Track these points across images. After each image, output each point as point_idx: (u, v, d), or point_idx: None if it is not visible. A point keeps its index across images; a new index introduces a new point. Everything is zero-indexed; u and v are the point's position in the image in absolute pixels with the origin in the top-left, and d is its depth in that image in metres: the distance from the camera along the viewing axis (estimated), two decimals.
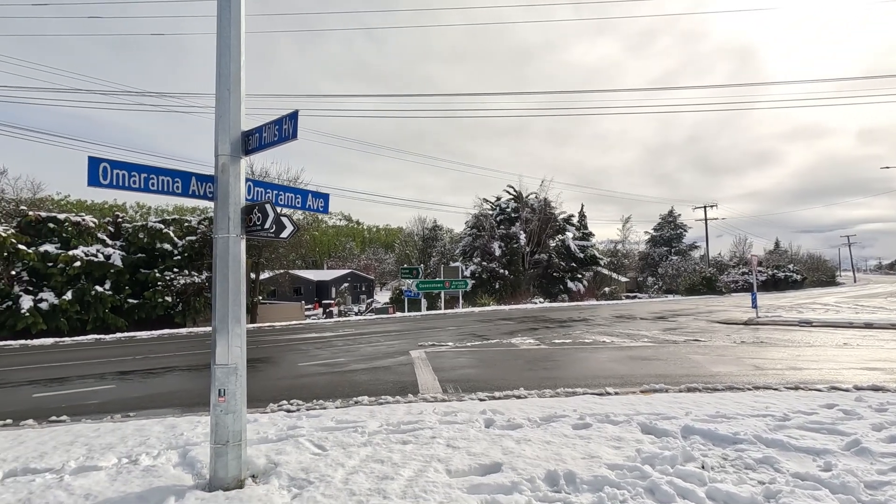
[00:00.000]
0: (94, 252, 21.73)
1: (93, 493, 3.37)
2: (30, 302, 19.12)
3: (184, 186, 3.71)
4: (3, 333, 18.51)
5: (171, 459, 4.07)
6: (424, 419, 5.05)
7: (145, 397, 7.29)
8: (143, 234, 23.57)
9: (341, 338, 14.74)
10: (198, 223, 25.35)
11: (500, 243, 40.83)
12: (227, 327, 3.60)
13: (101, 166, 3.29)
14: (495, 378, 8.06)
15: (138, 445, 4.38)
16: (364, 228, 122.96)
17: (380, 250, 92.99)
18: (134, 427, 5.00)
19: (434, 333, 15.04)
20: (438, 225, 67.30)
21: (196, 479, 3.70)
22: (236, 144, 3.69)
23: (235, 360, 3.62)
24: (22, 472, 3.80)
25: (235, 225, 3.66)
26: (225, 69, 3.66)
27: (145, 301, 22.08)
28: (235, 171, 3.69)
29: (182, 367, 10.08)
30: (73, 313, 20.10)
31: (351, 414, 5.36)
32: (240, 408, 3.63)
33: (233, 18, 3.69)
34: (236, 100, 3.70)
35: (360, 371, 8.93)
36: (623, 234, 59.70)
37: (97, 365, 10.66)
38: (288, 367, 9.44)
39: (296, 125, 3.42)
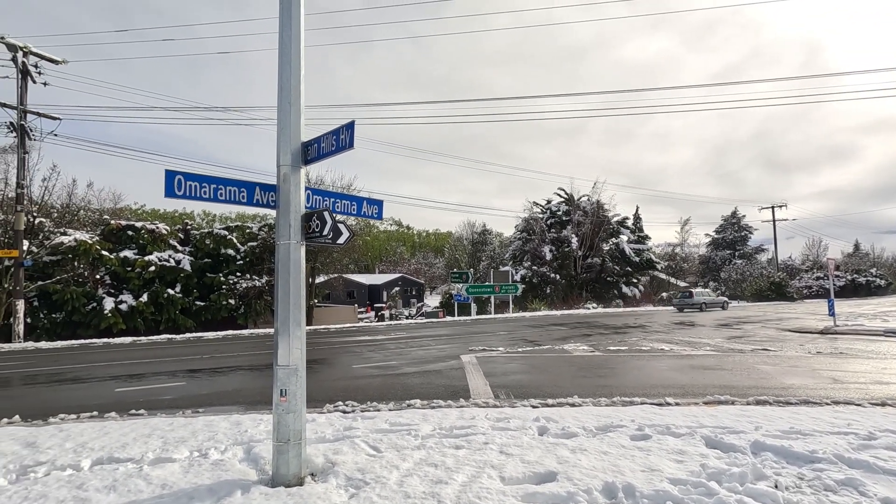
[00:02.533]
0: (167, 257, 23.34)
1: (168, 484, 3.61)
2: (111, 303, 20.79)
3: (248, 196, 3.92)
4: (89, 332, 20.23)
5: (236, 455, 4.29)
6: (477, 424, 5.04)
7: (212, 395, 7.72)
8: (210, 240, 25.05)
9: (393, 341, 14.99)
10: (258, 229, 26.66)
11: (551, 247, 40.15)
12: (288, 330, 3.76)
13: (175, 179, 3.54)
14: (548, 385, 7.92)
15: (207, 440, 4.64)
16: (414, 233, 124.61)
17: (429, 255, 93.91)
18: (203, 423, 5.31)
19: (484, 338, 14.99)
20: (487, 229, 67.22)
21: (260, 475, 3.87)
22: (296, 155, 3.86)
23: (296, 362, 3.77)
24: (107, 460, 4.13)
25: (296, 232, 3.82)
26: (286, 84, 3.85)
27: (211, 303, 23.44)
28: (296, 181, 3.86)
29: (245, 366, 10.61)
30: (149, 314, 21.65)
31: (404, 417, 5.44)
32: (300, 408, 3.78)
33: (293, 36, 3.87)
34: (296, 112, 3.87)
35: (412, 374, 9.04)
36: (681, 237, 57.15)
37: (169, 363, 11.41)
38: (343, 369, 9.71)
39: (352, 135, 3.54)
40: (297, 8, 3.89)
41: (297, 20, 3.89)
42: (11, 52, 17.59)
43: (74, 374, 10.11)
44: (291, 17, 3.88)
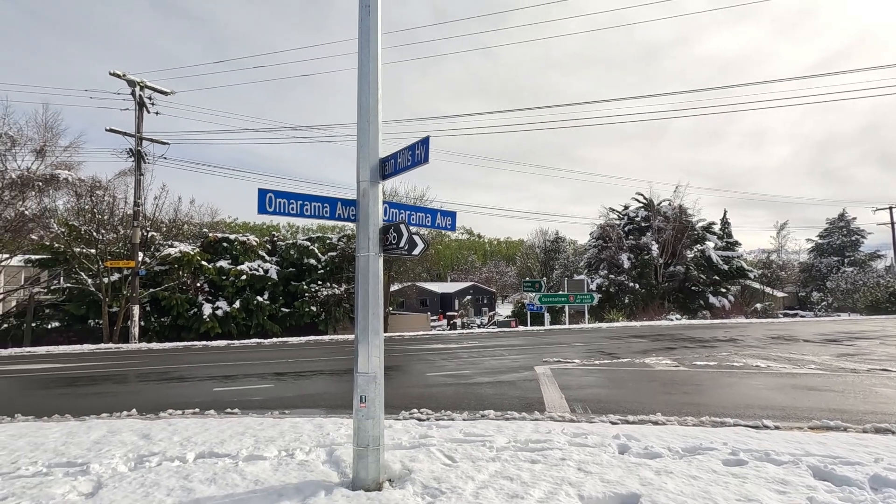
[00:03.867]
0: (256, 267, 25.19)
1: (260, 480, 3.87)
2: (209, 309, 22.77)
3: (331, 211, 4.15)
4: (190, 335, 22.29)
5: (319, 457, 4.51)
6: (553, 439, 4.92)
7: (297, 397, 8.19)
8: (294, 250, 26.70)
9: (465, 350, 15.04)
10: (337, 240, 28.02)
11: (629, 255, 38.35)
12: (368, 338, 3.91)
13: (267, 196, 3.83)
14: (627, 400, 7.55)
15: (293, 441, 4.93)
16: (485, 241, 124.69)
17: (501, 263, 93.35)
18: (289, 424, 5.65)
19: (559, 349, 14.61)
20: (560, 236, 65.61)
21: (341, 478, 4.04)
22: (375, 171, 4.03)
23: (375, 370, 3.91)
24: (208, 454, 4.52)
25: (374, 244, 3.98)
26: (365, 103, 4.04)
27: (295, 310, 24.92)
28: (374, 195, 4.03)
29: (326, 371, 11.15)
30: (240, 319, 23.44)
31: (478, 427, 5.43)
32: (378, 414, 3.91)
33: (371, 57, 4.07)
34: (375, 130, 4.05)
35: (486, 384, 9.01)
36: (777, 243, 52.19)
37: (259, 366, 12.27)
38: (417, 377, 9.90)
39: (427, 150, 3.64)
40: (374, 32, 4.09)
41: (374, 43, 4.08)
42: (131, 86, 20.03)
43: (179, 374, 11.17)
44: (369, 41, 4.08)
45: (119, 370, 12.17)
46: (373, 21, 4.09)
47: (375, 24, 4.10)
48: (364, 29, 4.08)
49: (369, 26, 4.08)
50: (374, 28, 4.09)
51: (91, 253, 21.18)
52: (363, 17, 4.11)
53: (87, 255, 21.11)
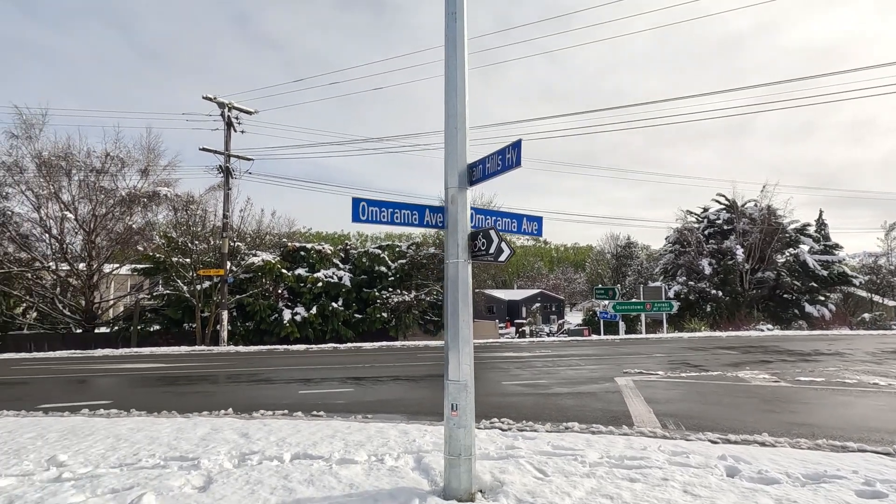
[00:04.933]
0: (331, 274, 26.25)
1: (355, 484, 3.94)
2: (289, 314, 23.99)
3: (420, 218, 4.18)
4: (272, 339, 23.60)
5: (408, 463, 4.53)
6: (650, 456, 4.61)
7: (376, 402, 8.35)
8: (365, 258, 27.56)
9: (539, 359, 14.70)
10: (406, 248, 28.60)
11: (711, 260, 35.88)
12: (458, 346, 3.87)
13: (360, 205, 3.93)
14: (724, 417, 6.97)
15: (381, 446, 4.99)
16: (552, 248, 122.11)
17: (569, 269, 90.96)
18: (375, 429, 5.75)
19: (638, 360, 13.88)
20: (633, 241, 62.91)
21: (432, 486, 4.02)
22: (463, 177, 4.01)
23: (465, 378, 3.86)
24: (303, 456, 4.69)
25: (463, 251, 3.95)
26: (452, 109, 4.04)
27: (367, 316, 25.65)
28: (462, 202, 4.01)
29: (402, 377, 11.31)
30: (317, 325, 24.48)
31: (566, 440, 5.22)
32: (470, 423, 3.85)
33: (458, 65, 4.06)
34: (462, 136, 4.04)
35: (565, 395, 8.71)
36: (887, 245, 46.60)
37: (337, 370, 12.70)
38: (492, 385, 9.77)
39: (519, 153, 3.56)
40: (460, 38, 4.09)
41: (461, 49, 4.08)
42: (220, 108, 21.74)
43: (266, 376, 11.81)
44: (456, 48, 4.08)
45: (212, 371, 13.09)
46: (459, 28, 4.09)
47: (462, 30, 4.10)
48: (450, 36, 4.09)
49: (455, 33, 4.09)
50: (461, 35, 4.09)
51: (186, 262, 23.09)
52: (449, 24, 4.12)
53: (182, 264, 23.05)
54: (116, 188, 24.56)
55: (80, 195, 23.96)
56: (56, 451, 4.92)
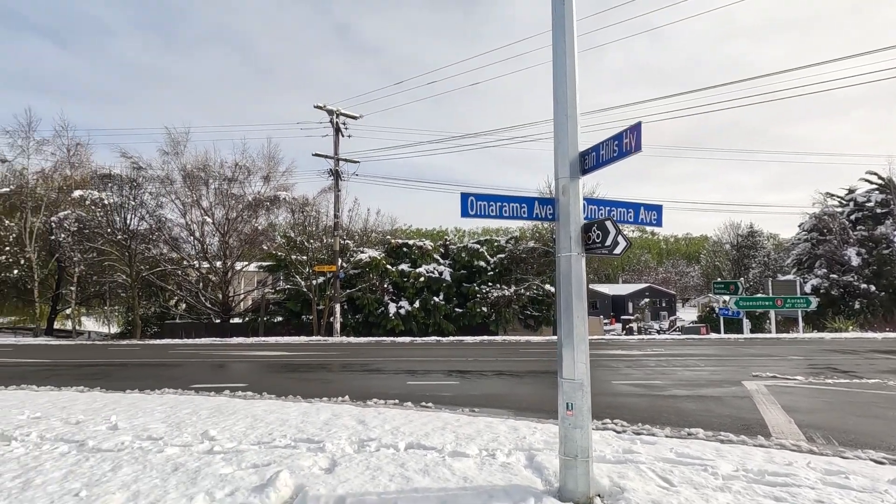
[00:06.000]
0: (432, 269, 26.97)
1: (468, 478, 3.96)
2: (394, 308, 25.12)
3: (528, 210, 4.07)
4: (379, 331, 24.89)
5: (519, 460, 4.46)
6: (797, 473, 4.06)
7: (482, 396, 8.38)
8: (465, 253, 27.91)
9: (650, 357, 13.77)
10: (505, 242, 28.46)
11: (860, 249, 30.92)
12: (573, 343, 3.71)
13: (469, 200, 3.92)
14: (890, 434, 5.93)
15: (491, 441, 4.98)
16: (660, 239, 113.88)
17: (680, 262, 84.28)
18: (484, 424, 5.76)
19: (769, 362, 12.39)
20: (756, 230, 56.33)
21: (545, 486, 3.91)
22: (574, 166, 3.83)
23: (581, 376, 3.69)
24: (416, 446, 4.83)
25: (576, 243, 3.77)
26: (562, 96, 3.87)
27: (467, 310, 25.98)
28: (574, 192, 3.82)
29: (505, 372, 11.26)
30: (420, 318, 25.33)
31: (691, 448, 4.79)
32: (586, 424, 3.67)
33: (567, 50, 3.87)
34: (573, 124, 3.85)
35: (684, 398, 8.03)
36: None
37: (441, 363, 13.00)
38: (601, 384, 9.33)
39: (639, 137, 3.30)
40: (569, 20, 3.89)
41: (569, 32, 3.88)
42: (329, 115, 23.33)
43: (376, 366, 12.46)
44: (564, 31, 3.89)
45: (328, 360, 14.12)
46: (567, 9, 3.89)
47: (570, 11, 3.90)
48: (558, 18, 3.91)
49: (563, 14, 3.89)
50: (570, 16, 3.89)
51: (303, 259, 25.19)
52: (556, 6, 3.94)
53: (300, 261, 25.18)
54: (244, 194, 27.54)
55: (216, 201, 27.24)
56: (207, 426, 5.60)
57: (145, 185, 26.84)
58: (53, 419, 6.16)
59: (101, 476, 4.02)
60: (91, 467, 4.24)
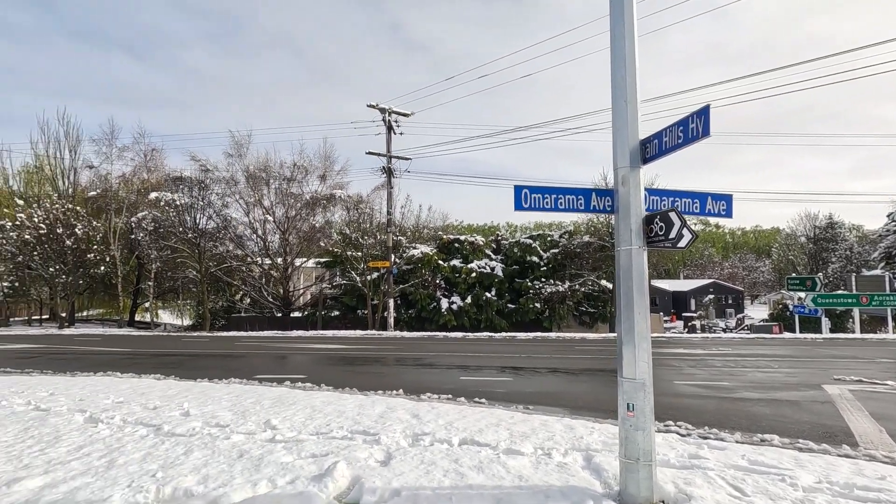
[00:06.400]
0: (483, 265, 26.86)
1: (523, 476, 3.88)
2: (446, 303, 25.25)
3: (585, 202, 3.91)
4: (431, 326, 25.11)
5: (576, 461, 4.32)
6: (892, 489, 3.66)
7: (536, 394, 8.23)
8: (517, 248, 27.58)
9: (716, 357, 13.01)
10: (559, 237, 27.86)
11: None
12: (634, 340, 3.53)
13: (522, 193, 3.82)
14: None
15: (547, 440, 4.86)
16: (726, 232, 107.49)
17: (748, 256, 79.19)
18: (539, 421, 5.64)
19: (853, 364, 11.36)
20: (835, 221, 51.89)
21: (605, 488, 3.76)
22: (635, 154, 3.63)
23: (643, 376, 3.51)
24: (470, 441, 4.80)
25: (637, 236, 3.58)
26: (620, 81, 3.67)
27: (520, 306, 25.67)
28: (635, 182, 3.63)
29: (560, 369, 11.01)
30: (472, 314, 25.31)
31: (766, 456, 4.45)
32: (648, 426, 3.49)
33: (626, 31, 3.67)
34: (633, 110, 3.65)
35: (756, 402, 7.51)
36: None
37: (494, 358, 12.91)
38: (662, 384, 8.90)
39: (707, 121, 3.06)
40: (629, 1, 3.68)
41: (629, 12, 3.67)
42: (382, 113, 23.72)
43: (429, 361, 12.56)
44: (623, 11, 3.68)
45: (382, 354, 14.40)
46: None
47: None
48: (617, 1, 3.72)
49: None
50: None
51: (357, 255, 25.84)
52: None
53: (355, 257, 25.85)
54: (302, 193, 28.60)
55: (277, 200, 28.48)
56: (269, 415, 5.85)
57: (212, 186, 28.50)
58: (134, 404, 6.66)
59: (174, 459, 4.28)
60: (166, 450, 4.53)
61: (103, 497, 3.45)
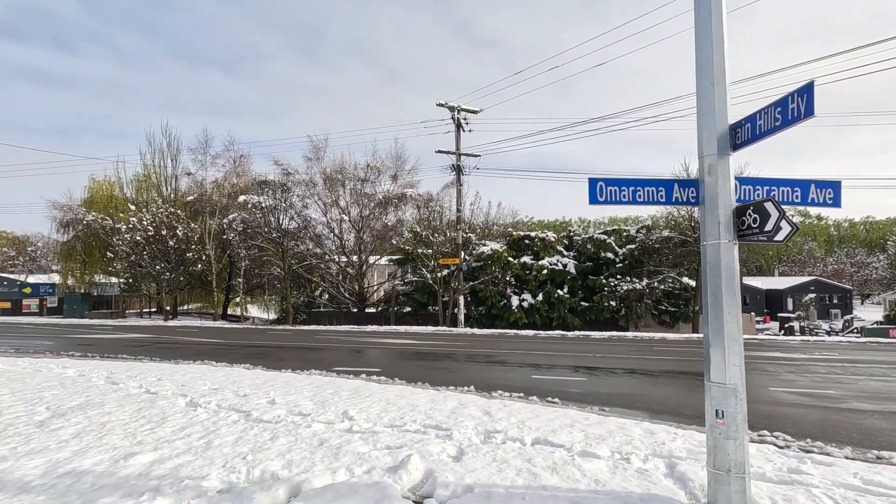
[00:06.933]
0: (555, 262, 26.24)
1: (600, 481, 3.73)
2: (516, 301, 24.97)
3: (667, 194, 3.67)
4: (501, 324, 24.95)
5: (658, 468, 4.08)
6: None
7: (612, 395, 7.90)
8: (590, 244, 26.66)
9: (819, 363, 11.76)
10: (635, 232, 26.55)
11: None
12: (723, 342, 3.27)
13: (598, 185, 3.66)
14: None
15: (625, 444, 4.64)
16: (829, 224, 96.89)
17: (858, 251, 70.88)
18: (616, 424, 5.40)
19: None
20: None
21: (690, 499, 3.52)
22: (723, 141, 3.35)
23: (734, 380, 3.23)
24: (543, 441, 4.70)
25: (726, 229, 3.30)
26: (706, 60, 3.40)
27: (594, 304, 24.80)
28: (723, 171, 3.35)
29: (638, 371, 10.49)
30: (543, 311, 24.83)
31: (885, 476, 3.94)
32: (741, 435, 3.21)
33: (713, 8, 3.39)
34: (720, 92, 3.37)
35: (870, 414, 6.69)
36: None
37: (567, 357, 12.57)
38: (756, 390, 8.19)
39: (811, 100, 2.76)
40: None
41: None
42: (451, 111, 23.89)
43: (500, 358, 12.49)
44: None
45: (453, 350, 14.53)
46: None
47: None
48: None
49: None
50: None
51: (428, 253, 26.24)
52: None
53: (425, 254, 26.27)
54: (375, 193, 29.53)
55: (351, 201, 29.64)
56: (347, 406, 6.10)
57: (293, 188, 30.21)
58: (227, 391, 7.23)
59: (262, 444, 4.59)
60: (255, 435, 4.87)
61: (202, 475, 3.77)
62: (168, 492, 3.40)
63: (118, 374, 8.79)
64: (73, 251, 36.94)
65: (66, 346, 15.96)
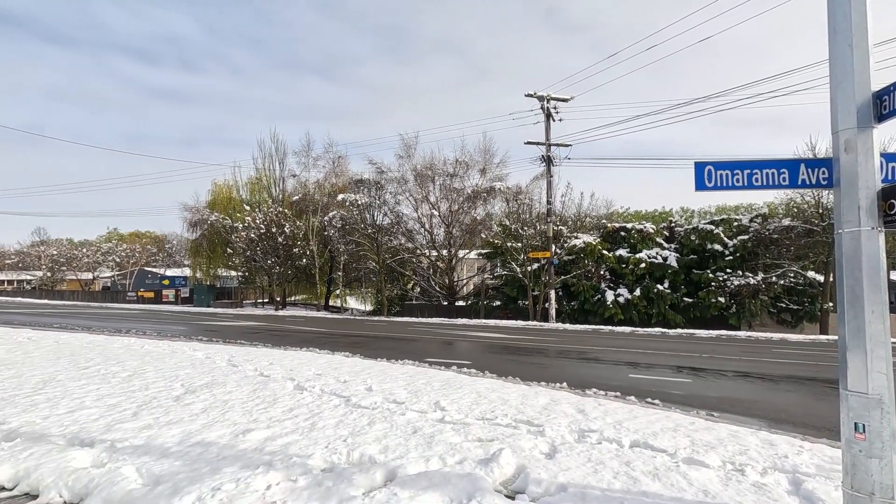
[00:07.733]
0: (654, 255, 24.60)
1: (710, 492, 3.43)
2: (611, 296, 23.83)
3: (791, 176, 3.24)
4: (595, 320, 23.97)
5: (780, 483, 3.66)
6: None
7: (721, 399, 7.24)
8: (694, 236, 24.62)
9: None
10: (749, 221, 24.08)
11: None
12: (864, 346, 2.82)
13: (706, 170, 3.33)
14: None
15: (738, 454, 4.22)
16: None
17: None
18: (727, 432, 4.93)
19: None
20: None
21: None
22: (864, 112, 2.87)
23: (879, 390, 2.78)
24: (643, 445, 4.43)
25: (869, 215, 2.84)
26: (842, 21, 2.94)
27: (699, 300, 22.89)
28: (865, 147, 2.88)
29: (754, 374, 9.50)
30: (641, 307, 23.43)
31: None
32: (888, 454, 2.76)
33: None
34: (861, 55, 2.89)
35: None
36: None
37: (668, 357, 11.74)
38: None
39: None
40: None
41: None
42: (540, 101, 23.32)
43: (594, 355, 12.01)
44: None
45: (544, 345, 14.24)
46: None
47: None
48: None
49: None
50: None
51: (517, 247, 25.93)
52: None
53: (515, 248, 26.00)
54: (464, 187, 29.79)
55: (441, 196, 30.20)
56: (439, 397, 6.23)
57: (386, 185, 31.51)
58: (328, 377, 7.73)
59: (360, 428, 4.83)
60: (354, 420, 5.15)
61: (308, 453, 4.06)
62: (279, 467, 3.70)
63: (237, 358, 9.79)
64: (200, 248, 41.95)
65: (195, 331, 18.13)
